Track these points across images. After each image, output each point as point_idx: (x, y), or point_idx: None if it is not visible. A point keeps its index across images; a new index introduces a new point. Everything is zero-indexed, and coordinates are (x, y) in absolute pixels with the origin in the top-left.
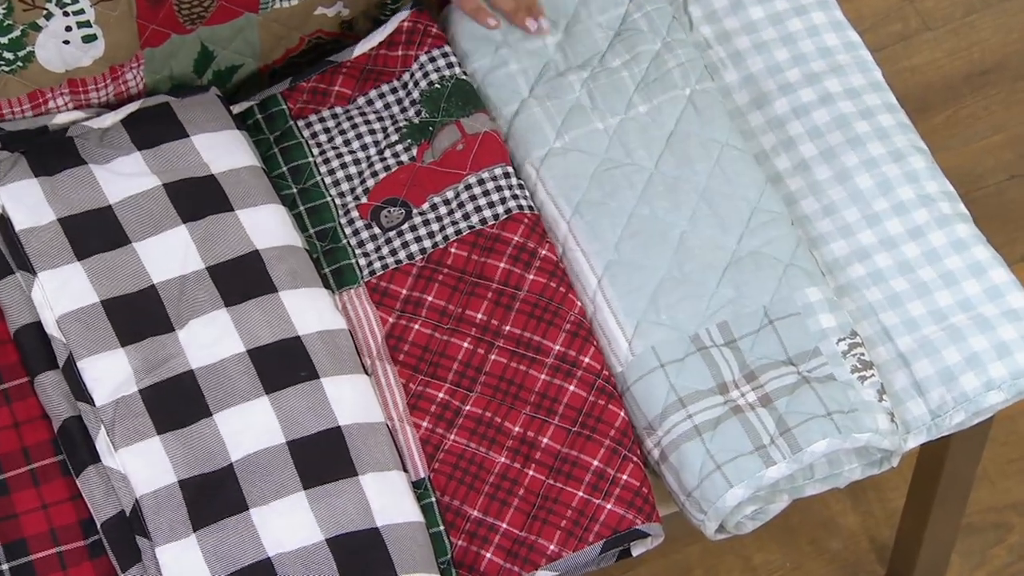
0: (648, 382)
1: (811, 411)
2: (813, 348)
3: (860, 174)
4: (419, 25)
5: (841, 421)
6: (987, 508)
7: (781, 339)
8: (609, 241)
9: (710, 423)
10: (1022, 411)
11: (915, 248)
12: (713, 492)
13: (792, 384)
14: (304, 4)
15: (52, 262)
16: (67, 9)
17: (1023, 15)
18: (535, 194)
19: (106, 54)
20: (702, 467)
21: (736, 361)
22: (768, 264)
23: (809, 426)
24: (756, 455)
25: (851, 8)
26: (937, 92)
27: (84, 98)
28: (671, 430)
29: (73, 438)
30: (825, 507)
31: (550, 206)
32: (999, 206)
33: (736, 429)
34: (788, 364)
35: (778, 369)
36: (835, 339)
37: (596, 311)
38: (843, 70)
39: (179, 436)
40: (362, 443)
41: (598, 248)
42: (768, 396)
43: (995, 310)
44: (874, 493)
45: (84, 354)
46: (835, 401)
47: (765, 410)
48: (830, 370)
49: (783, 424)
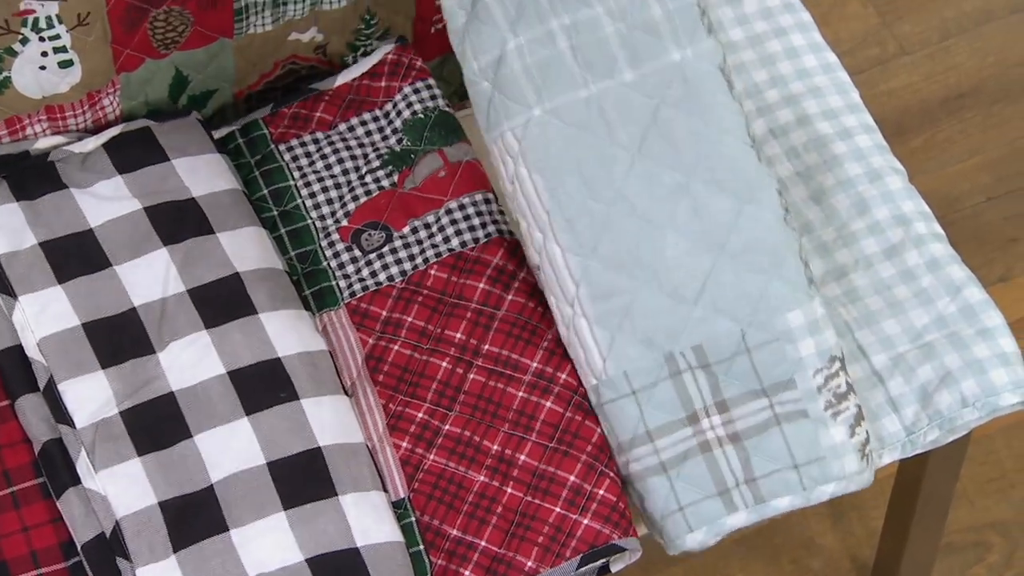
0: (619, 406)
1: (777, 460)
2: (788, 379)
3: (837, 194)
4: (403, 58)
5: (807, 473)
6: (966, 527)
7: (756, 367)
8: (587, 242)
9: (677, 459)
10: (1000, 430)
11: (891, 267)
12: (674, 532)
13: (763, 423)
14: (278, 29)
15: (33, 286)
16: (43, 34)
17: (998, 40)
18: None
19: (83, 80)
20: (665, 504)
21: (709, 386)
22: (751, 272)
23: (774, 479)
24: (719, 499)
25: (829, 32)
26: (914, 116)
27: (62, 124)
28: (639, 459)
29: (54, 460)
30: (806, 527)
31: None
32: (976, 228)
33: (701, 468)
34: (762, 396)
35: (749, 404)
36: (812, 371)
37: (574, 317)
38: (821, 92)
39: (159, 458)
40: (342, 464)
41: (576, 248)
42: (737, 434)
43: (969, 329)
44: (855, 513)
45: (65, 377)
46: (803, 449)
47: (732, 448)
48: (803, 406)
49: (749, 471)
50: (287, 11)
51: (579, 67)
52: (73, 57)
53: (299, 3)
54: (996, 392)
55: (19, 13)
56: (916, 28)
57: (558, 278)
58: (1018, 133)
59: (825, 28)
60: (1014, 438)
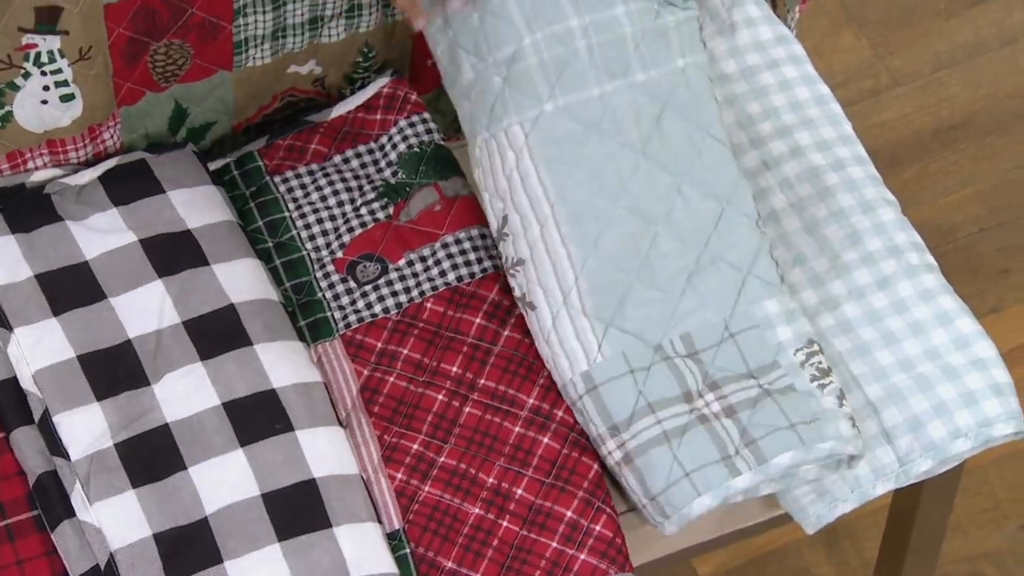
0: (617, 385)
1: (774, 423)
2: (772, 361)
3: (830, 225)
4: (399, 92)
5: (804, 432)
6: (961, 558)
7: (742, 352)
8: (592, 233)
9: (678, 430)
10: (993, 461)
11: (883, 298)
12: (680, 499)
13: (754, 397)
14: (277, 62)
15: (28, 318)
16: (45, 68)
17: (990, 72)
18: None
19: (84, 114)
20: (670, 472)
21: (699, 372)
22: (729, 272)
23: (773, 438)
24: (722, 464)
25: (822, 64)
26: (907, 147)
27: (63, 158)
28: (639, 434)
29: (48, 493)
30: (800, 557)
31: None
32: (969, 259)
33: (703, 437)
34: (749, 377)
35: (740, 383)
36: (792, 350)
37: (565, 307)
38: (814, 123)
39: (154, 490)
40: (337, 495)
41: (579, 238)
42: (732, 407)
43: (962, 359)
44: (849, 543)
45: (60, 409)
46: (797, 412)
47: (730, 421)
48: (790, 380)
49: (747, 436)
50: (286, 44)
51: (594, 66)
52: (75, 91)
53: (298, 36)
54: (989, 423)
55: (21, 48)
56: (909, 60)
57: (555, 269)
58: (1010, 164)
59: (818, 60)
60: (1007, 468)
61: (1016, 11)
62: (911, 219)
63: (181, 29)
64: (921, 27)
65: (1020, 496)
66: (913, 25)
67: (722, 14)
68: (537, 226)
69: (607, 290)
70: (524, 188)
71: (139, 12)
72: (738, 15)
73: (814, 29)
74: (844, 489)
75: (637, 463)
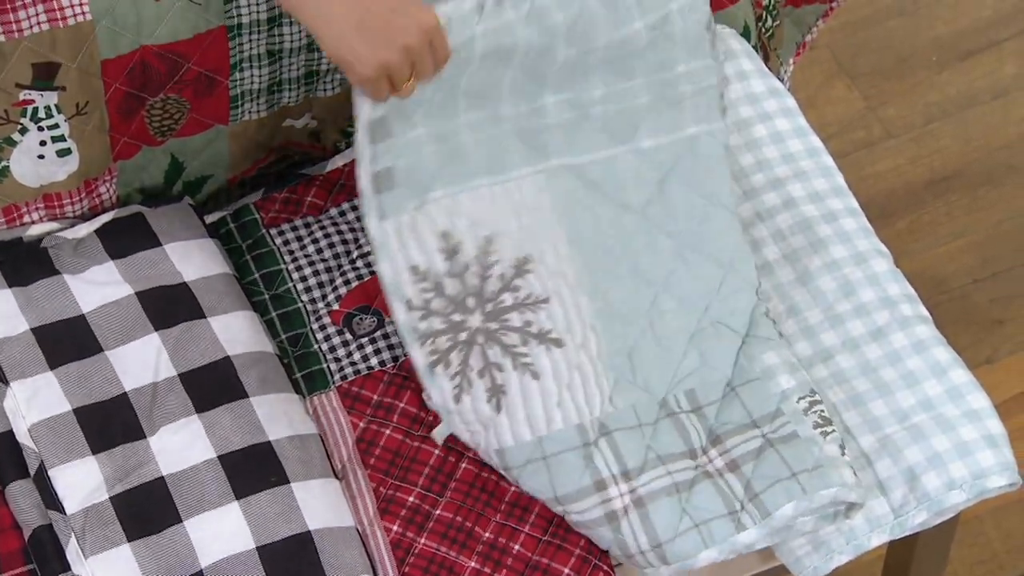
0: (628, 435)
1: (776, 474)
2: (775, 409)
3: (822, 276)
4: None
5: (806, 481)
6: None
7: (744, 404)
8: (600, 285)
9: (686, 483)
10: (989, 512)
11: (877, 349)
12: (687, 549)
13: (757, 448)
14: (273, 116)
15: (24, 372)
16: (42, 124)
17: (981, 124)
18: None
19: (80, 168)
20: (680, 522)
21: (703, 427)
22: (729, 335)
23: (775, 490)
24: (729, 519)
25: (816, 116)
26: (900, 198)
27: (59, 212)
28: (650, 483)
29: (44, 547)
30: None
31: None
32: (963, 310)
33: (709, 492)
34: (753, 427)
35: (743, 433)
36: (796, 398)
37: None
38: (806, 175)
39: (149, 543)
40: (331, 548)
41: (591, 288)
42: (735, 462)
43: (956, 411)
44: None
45: (55, 462)
46: (800, 461)
47: (733, 475)
48: (793, 428)
49: (751, 490)
50: (282, 98)
51: (604, 131)
52: (71, 146)
53: (293, 90)
54: (984, 474)
55: (18, 103)
56: (901, 112)
57: (567, 318)
58: (1003, 216)
59: (811, 111)
60: (1003, 519)
61: (1008, 64)
62: (904, 270)
63: (177, 84)
64: (913, 79)
65: (1016, 547)
66: (905, 77)
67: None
68: (557, 268)
69: (616, 342)
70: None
71: (136, 67)
72: (730, 68)
73: (807, 80)
74: (840, 540)
75: (648, 508)
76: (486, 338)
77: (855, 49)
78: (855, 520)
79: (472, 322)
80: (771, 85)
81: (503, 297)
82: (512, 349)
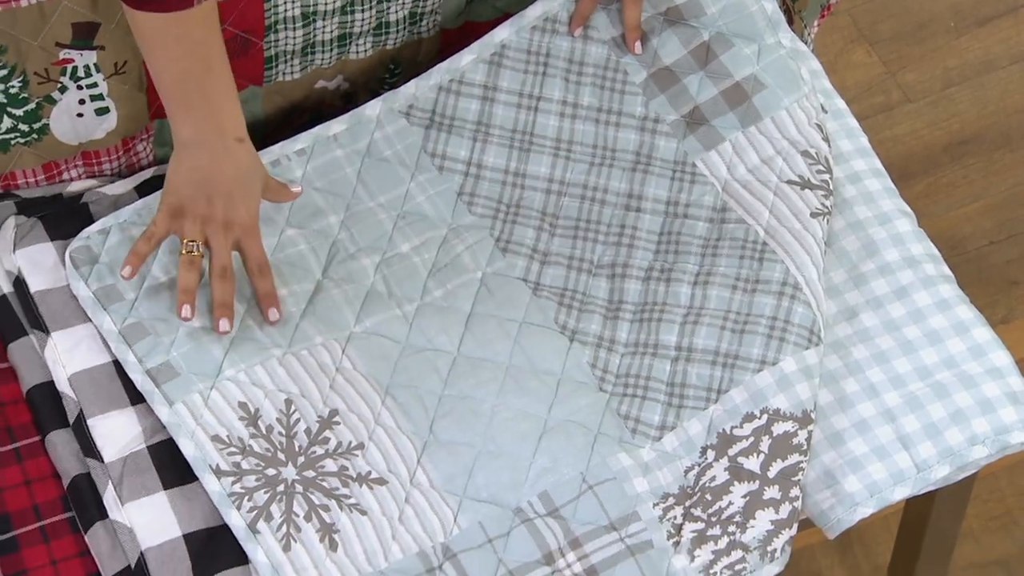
0: (477, 555)
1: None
2: (632, 511)
3: (847, 236)
4: None
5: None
6: (971, 564)
7: (602, 503)
8: (423, 424)
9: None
10: (1005, 469)
11: (901, 308)
12: None
13: (616, 555)
14: (306, 77)
15: (66, 322)
16: (81, 83)
17: (999, 89)
18: (342, 370)
19: (118, 126)
20: None
21: (561, 529)
22: (578, 432)
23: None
24: None
25: (836, 80)
26: (918, 161)
27: (97, 169)
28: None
29: (82, 495)
30: (813, 560)
31: (363, 383)
32: (979, 271)
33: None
34: (611, 530)
35: (601, 537)
36: (651, 503)
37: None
38: (831, 137)
39: (184, 492)
40: None
41: (413, 429)
42: (594, 568)
43: (979, 368)
44: (860, 548)
45: (94, 412)
46: (654, 573)
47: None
48: (649, 536)
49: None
50: (315, 60)
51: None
52: (109, 104)
53: (327, 52)
54: (1006, 430)
55: (58, 63)
56: (920, 77)
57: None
58: (1019, 179)
59: (832, 76)
60: (1018, 476)
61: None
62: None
63: None
64: (932, 44)
65: None
66: (924, 42)
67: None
68: (371, 416)
69: (454, 468)
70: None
71: None
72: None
73: (828, 46)
74: (863, 493)
75: None
76: (305, 486)
77: (875, 15)
78: (878, 474)
79: (287, 474)
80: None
81: (313, 449)
82: (334, 492)
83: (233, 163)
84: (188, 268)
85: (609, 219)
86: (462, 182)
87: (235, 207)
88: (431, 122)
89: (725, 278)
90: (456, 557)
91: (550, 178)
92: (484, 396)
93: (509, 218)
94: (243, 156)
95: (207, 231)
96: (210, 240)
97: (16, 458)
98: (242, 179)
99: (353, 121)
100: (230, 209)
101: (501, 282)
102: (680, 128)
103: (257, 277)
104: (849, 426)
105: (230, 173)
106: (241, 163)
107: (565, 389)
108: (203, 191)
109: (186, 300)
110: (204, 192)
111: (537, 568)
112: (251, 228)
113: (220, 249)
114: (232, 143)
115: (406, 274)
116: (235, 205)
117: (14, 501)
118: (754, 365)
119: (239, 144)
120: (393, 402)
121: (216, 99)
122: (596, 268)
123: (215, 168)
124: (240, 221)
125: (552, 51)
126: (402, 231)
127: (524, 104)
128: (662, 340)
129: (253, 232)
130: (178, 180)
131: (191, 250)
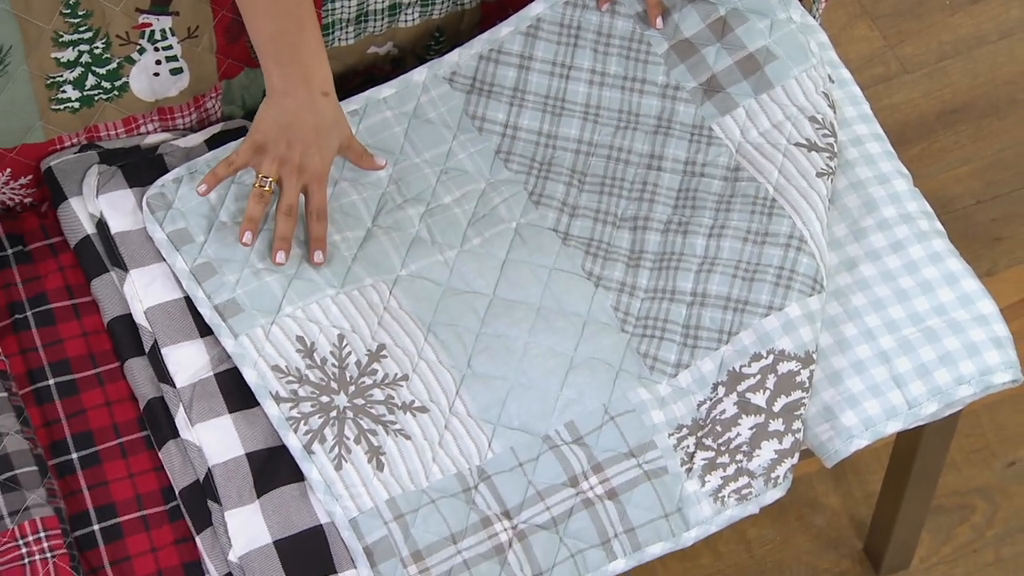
0: (508, 477)
1: (650, 509)
2: (649, 440)
3: (849, 194)
4: None
5: (675, 522)
6: (953, 492)
7: (622, 432)
8: (461, 358)
9: (564, 515)
10: (985, 407)
11: (896, 260)
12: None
13: (634, 479)
14: (359, 43)
15: (143, 261)
16: (157, 45)
17: (988, 61)
18: (389, 308)
19: (190, 85)
20: (557, 553)
21: (584, 455)
22: (602, 369)
23: (649, 529)
24: (601, 549)
25: (840, 52)
26: (913, 128)
27: (171, 123)
28: (529, 520)
29: (156, 416)
30: (810, 487)
31: (408, 321)
32: (966, 228)
33: (586, 522)
34: (630, 456)
35: (621, 463)
36: (666, 433)
37: (455, 417)
38: (836, 103)
39: (247, 416)
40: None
41: (452, 363)
42: (614, 490)
43: (966, 315)
44: (854, 476)
45: (168, 342)
46: (669, 499)
47: (612, 503)
48: (664, 463)
49: (627, 522)
50: (367, 27)
51: (433, 242)
52: (183, 65)
53: (378, 20)
54: (990, 371)
55: (137, 27)
56: (916, 50)
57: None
58: (1005, 144)
59: (837, 48)
60: (997, 413)
61: (1013, 8)
62: None
63: None
64: (928, 20)
65: (1008, 437)
66: (921, 18)
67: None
68: (415, 351)
69: (489, 399)
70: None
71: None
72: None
73: (832, 21)
74: (859, 427)
75: (529, 540)
76: (355, 412)
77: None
78: (873, 410)
79: (339, 401)
80: (806, 21)
81: (363, 379)
82: (381, 418)
83: (316, 114)
84: (257, 200)
85: (632, 177)
86: (499, 142)
87: (311, 155)
88: (472, 87)
89: (737, 231)
90: (490, 478)
91: (579, 139)
92: (517, 334)
93: (542, 175)
94: (326, 109)
95: (282, 171)
96: (283, 180)
97: (98, 382)
98: (322, 130)
99: (402, 86)
100: (306, 155)
101: (533, 232)
102: (698, 95)
103: (314, 221)
104: (847, 366)
105: (312, 123)
106: (324, 115)
107: (590, 329)
108: (285, 135)
109: (249, 227)
110: (286, 136)
111: (563, 490)
112: (321, 176)
113: (290, 189)
114: (318, 96)
115: (448, 223)
116: (311, 153)
117: (97, 419)
118: (762, 310)
119: (324, 97)
120: (435, 338)
121: (306, 55)
122: (620, 221)
123: (299, 116)
124: (312, 168)
125: (583, 24)
126: (444, 184)
127: (556, 72)
128: (679, 286)
129: (321, 180)
130: (265, 121)
131: (264, 185)
